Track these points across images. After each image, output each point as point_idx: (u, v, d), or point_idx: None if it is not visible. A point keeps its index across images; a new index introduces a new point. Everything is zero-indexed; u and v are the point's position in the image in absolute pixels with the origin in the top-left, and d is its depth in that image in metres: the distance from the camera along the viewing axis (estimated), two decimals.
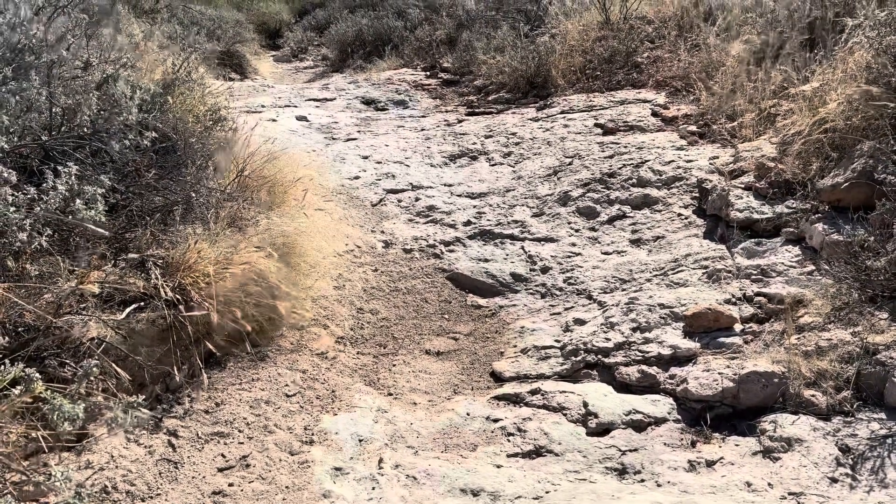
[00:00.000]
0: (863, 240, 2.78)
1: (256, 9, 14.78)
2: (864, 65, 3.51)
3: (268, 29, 14.44)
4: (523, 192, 4.70)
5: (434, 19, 10.95)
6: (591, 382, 2.92)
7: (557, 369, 3.07)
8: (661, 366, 2.87)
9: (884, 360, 2.46)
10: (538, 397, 2.84)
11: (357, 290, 3.77)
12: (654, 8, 7.66)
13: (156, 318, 2.54)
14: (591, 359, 3.03)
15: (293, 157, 4.81)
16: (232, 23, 12.36)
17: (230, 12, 13.57)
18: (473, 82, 8.43)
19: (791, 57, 4.68)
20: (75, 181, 2.32)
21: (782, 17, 5.31)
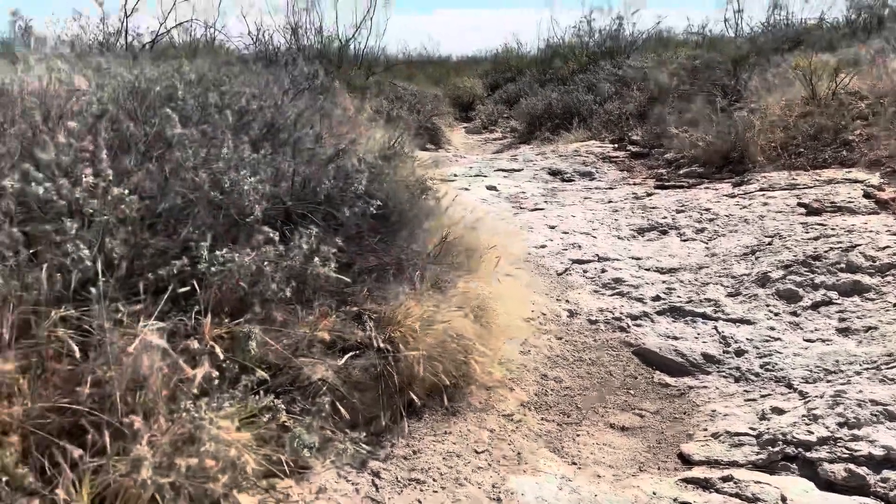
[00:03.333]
0: None
1: (452, 84, 15.81)
2: None
3: (461, 102, 15.37)
4: (717, 270, 4.59)
5: (624, 93, 11.08)
6: (789, 476, 2.77)
7: (752, 458, 2.94)
8: (871, 467, 2.66)
9: None
10: (730, 485, 2.74)
11: (541, 357, 3.88)
12: (867, 83, 7.24)
13: (368, 366, 2.82)
14: (791, 451, 2.87)
15: (485, 224, 5.10)
16: (430, 97, 13.32)
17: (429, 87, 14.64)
18: (664, 155, 8.39)
19: None
20: (315, 241, 2.69)
21: None
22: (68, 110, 2.98)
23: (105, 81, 3.54)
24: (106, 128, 2.84)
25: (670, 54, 11.76)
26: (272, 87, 3.97)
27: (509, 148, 11.18)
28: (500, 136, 12.65)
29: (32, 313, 1.96)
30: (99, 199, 2.17)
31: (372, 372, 2.83)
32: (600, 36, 13.42)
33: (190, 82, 3.26)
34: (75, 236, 2.07)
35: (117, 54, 6.40)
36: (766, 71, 8.70)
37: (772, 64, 9.02)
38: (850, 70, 7.47)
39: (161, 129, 2.66)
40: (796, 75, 7.65)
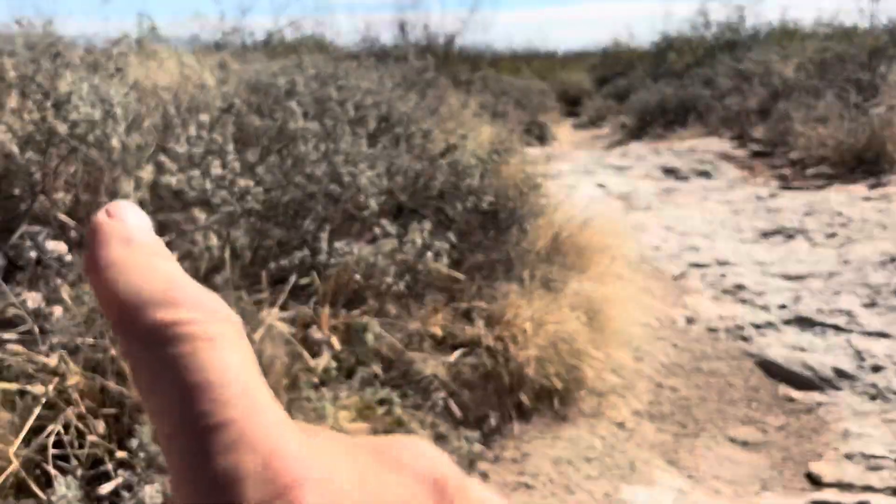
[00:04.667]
0: None
1: (559, 78, 15.57)
2: None
3: (568, 97, 15.11)
4: (851, 279, 4.25)
5: (744, 88, 10.51)
6: None
7: (890, 483, 2.69)
8: None
9: None
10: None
11: (656, 365, 3.71)
12: None
13: (478, 365, 2.78)
14: None
15: (595, 223, 4.95)
16: (537, 92, 13.17)
17: (535, 82, 14.48)
18: (788, 154, 7.91)
19: None
20: (428, 236, 2.67)
21: None
22: (197, 104, 3.11)
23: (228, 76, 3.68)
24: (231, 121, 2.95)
25: (797, 47, 11.06)
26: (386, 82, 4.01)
27: (619, 144, 10.87)
28: (610, 133, 12.33)
29: None
30: (226, 191, 2.24)
31: (481, 370, 2.79)
32: (718, 28, 12.79)
33: (310, 77, 3.33)
34: (205, 226, 2.14)
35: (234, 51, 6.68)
36: None
37: None
38: None
39: (283, 122, 2.72)
40: None
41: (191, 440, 0.19)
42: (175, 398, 0.20)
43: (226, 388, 0.20)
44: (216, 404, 0.19)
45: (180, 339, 0.20)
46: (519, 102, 11.82)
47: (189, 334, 0.20)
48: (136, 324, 0.21)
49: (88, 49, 3.14)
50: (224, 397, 0.19)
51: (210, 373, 0.20)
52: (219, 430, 0.19)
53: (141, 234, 0.23)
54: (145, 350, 0.20)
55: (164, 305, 0.21)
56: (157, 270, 0.22)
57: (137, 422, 1.81)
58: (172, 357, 0.20)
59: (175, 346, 0.20)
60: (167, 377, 0.20)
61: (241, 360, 0.21)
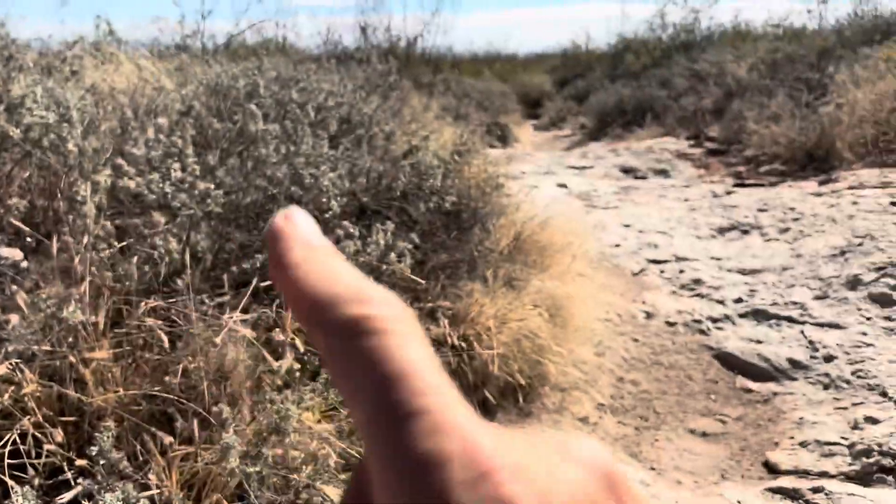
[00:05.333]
0: None
1: (520, 80, 15.70)
2: None
3: (529, 99, 15.25)
4: (803, 272, 4.38)
5: (700, 88, 10.75)
6: (885, 488, 2.61)
7: (844, 469, 2.78)
8: None
9: None
10: (821, 496, 2.60)
11: (617, 359, 3.78)
12: None
13: (442, 364, 2.80)
14: (887, 463, 2.70)
15: (556, 223, 5.02)
16: (498, 94, 13.26)
17: (496, 84, 14.58)
18: (742, 152, 8.11)
19: None
20: (391, 237, 2.69)
21: None
22: (155, 107, 3.08)
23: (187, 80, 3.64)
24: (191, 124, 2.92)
25: (749, 48, 11.34)
26: (347, 85, 4.01)
27: (579, 145, 11.02)
28: (570, 133, 12.48)
29: (124, 303, 2.02)
30: (186, 194, 2.23)
31: (446, 369, 2.80)
32: (674, 30, 13.06)
33: (270, 80, 3.31)
34: (164, 230, 2.13)
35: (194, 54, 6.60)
36: (854, 64, 8.27)
37: (860, 56, 8.57)
38: None
39: (244, 125, 2.71)
40: (888, 68, 7.25)
41: (391, 425, 0.20)
42: (372, 386, 0.21)
43: (418, 378, 0.21)
44: (412, 394, 0.21)
45: (374, 333, 0.22)
46: (481, 104, 11.89)
47: (381, 329, 0.22)
48: (329, 318, 0.22)
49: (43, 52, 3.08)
50: (419, 387, 0.21)
51: (403, 364, 0.21)
52: (417, 418, 0.20)
53: (318, 238, 0.25)
54: (340, 342, 0.22)
55: (355, 302, 0.22)
56: (341, 270, 0.24)
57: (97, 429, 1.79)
58: (367, 349, 0.22)
59: (369, 339, 0.22)
60: (363, 367, 0.21)
61: (426, 353, 0.23)
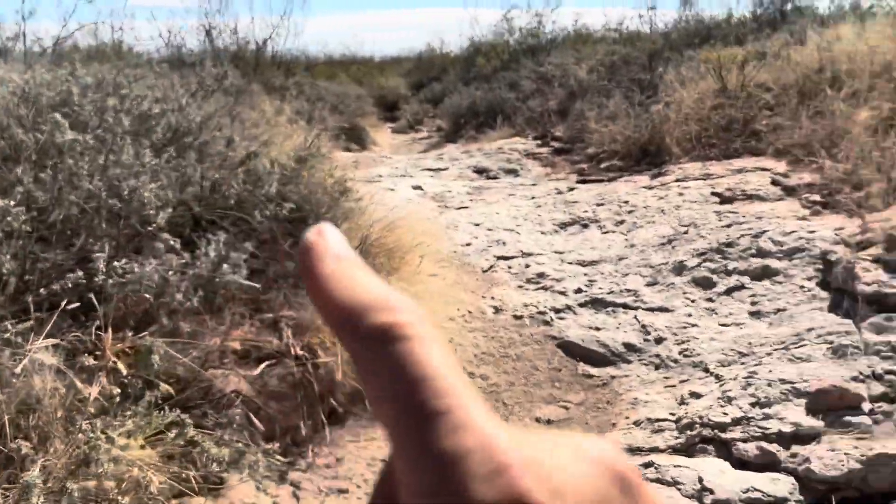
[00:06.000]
0: None
1: (376, 83, 15.71)
2: None
3: (386, 102, 15.29)
4: (636, 261, 4.69)
5: (546, 90, 11.24)
6: (706, 457, 2.84)
7: (672, 443, 3.00)
8: (781, 443, 2.75)
9: None
10: (651, 471, 2.79)
11: (468, 355, 3.87)
12: (773, 75, 7.55)
13: (285, 375, 2.74)
14: (707, 433, 2.95)
15: (410, 224, 5.07)
16: (354, 97, 13.19)
17: (352, 87, 14.50)
18: (585, 150, 8.54)
19: None
20: (223, 248, 2.59)
21: None
22: None
23: None
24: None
25: (589, 51, 12.00)
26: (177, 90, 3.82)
27: (435, 147, 11.18)
28: (427, 136, 12.65)
29: None
30: None
31: (290, 380, 2.75)
32: (521, 34, 13.57)
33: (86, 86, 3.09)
34: None
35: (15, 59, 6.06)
36: (680, 65, 8.97)
37: (685, 58, 9.31)
38: (756, 63, 7.78)
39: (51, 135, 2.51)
40: (707, 69, 7.93)
41: (416, 423, 0.22)
42: (398, 388, 0.23)
43: (441, 380, 0.23)
44: (435, 395, 0.22)
45: (399, 339, 0.23)
46: (336, 108, 11.77)
47: (406, 335, 0.23)
48: (358, 326, 0.24)
49: None
50: (441, 389, 0.22)
51: (426, 367, 0.23)
52: (441, 416, 0.22)
53: (346, 251, 0.27)
54: (369, 348, 0.24)
55: (381, 310, 0.24)
56: (367, 281, 0.25)
57: None
58: (393, 354, 0.23)
59: (395, 345, 0.23)
60: (389, 371, 0.23)
61: (446, 356, 0.24)
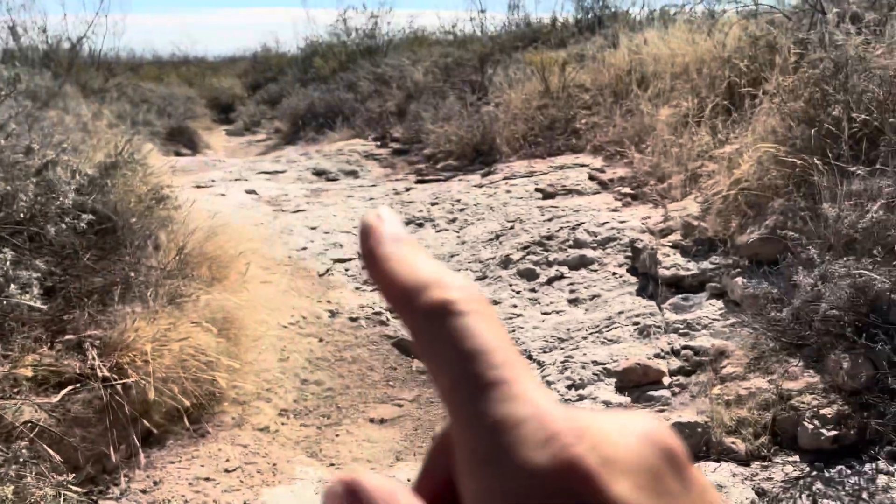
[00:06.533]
0: (767, 292, 2.96)
1: (208, 84, 15.05)
2: (771, 129, 3.78)
3: (220, 104, 14.68)
4: (467, 257, 4.84)
5: (384, 91, 11.30)
6: None
7: None
8: None
9: (796, 405, 2.59)
10: None
11: (301, 362, 3.81)
12: (591, 77, 8.07)
13: (92, 399, 2.55)
14: None
15: (239, 230, 4.90)
16: (183, 99, 12.56)
17: (181, 89, 13.79)
18: (423, 151, 8.69)
19: (711, 122, 4.99)
20: (10, 267, 2.37)
21: (704, 84, 5.67)
22: None
23: None
24: None
25: (425, 52, 12.21)
26: None
27: (274, 149, 10.90)
28: (265, 138, 12.29)
29: None
30: None
31: (97, 405, 2.56)
32: (357, 35, 13.55)
33: None
34: None
35: None
36: (508, 67, 9.36)
37: (512, 60, 9.73)
38: (576, 65, 8.28)
39: None
40: (532, 71, 8.33)
41: (472, 393, 0.23)
42: (455, 361, 0.24)
43: (496, 353, 0.24)
44: (490, 366, 0.23)
45: (456, 314, 0.24)
46: (163, 111, 11.14)
47: (462, 310, 0.25)
48: (416, 303, 0.25)
49: None
50: (496, 361, 0.24)
51: (482, 340, 0.24)
52: (496, 387, 0.23)
53: (404, 233, 0.28)
54: (427, 323, 0.25)
55: (438, 287, 0.25)
56: (424, 260, 0.27)
57: None
58: (451, 328, 0.24)
59: (452, 320, 0.24)
60: (447, 344, 0.24)
61: (500, 331, 0.25)
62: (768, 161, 3.63)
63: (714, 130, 4.78)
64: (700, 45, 6.48)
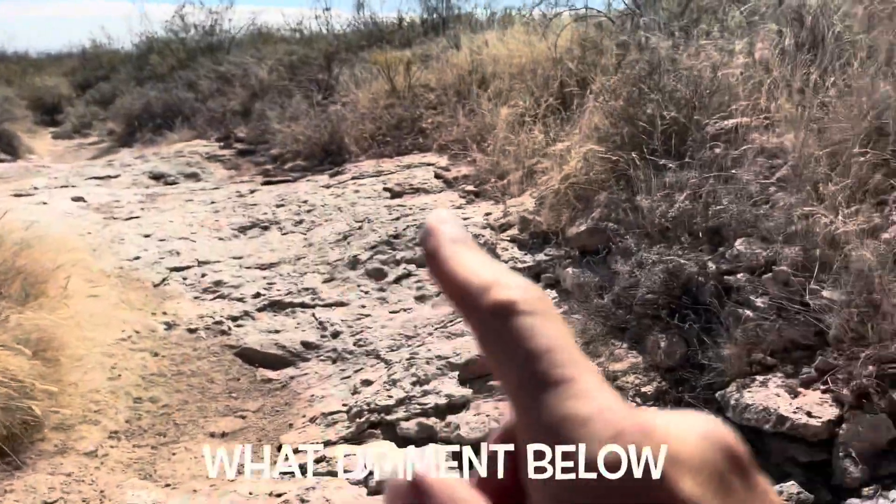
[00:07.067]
0: (591, 281, 3.15)
1: (30, 83, 13.78)
2: (595, 126, 4.02)
3: (44, 105, 13.49)
4: (314, 259, 4.76)
5: (227, 90, 10.86)
6: (374, 441, 2.99)
7: (343, 433, 3.10)
8: (438, 416, 3.00)
9: (621, 385, 2.77)
10: (322, 465, 2.84)
11: (134, 379, 3.57)
12: (435, 76, 8.20)
13: None
14: (375, 418, 3.10)
15: (61, 241, 4.52)
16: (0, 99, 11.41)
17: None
18: (269, 151, 8.44)
19: (544, 121, 5.23)
20: None
21: (538, 85, 5.93)
22: None
23: None
24: None
25: (270, 50, 11.87)
26: None
27: (107, 153, 10.16)
28: (97, 141, 11.43)
29: None
30: None
31: None
32: (196, 31, 12.92)
33: None
34: None
35: None
36: (355, 66, 9.31)
37: (359, 59, 9.68)
38: (421, 65, 8.38)
39: None
40: (378, 70, 8.33)
41: (539, 391, 0.24)
42: (521, 358, 0.24)
43: (561, 352, 0.24)
44: (556, 365, 0.24)
45: (522, 314, 0.25)
46: None
47: (528, 310, 0.25)
48: (480, 302, 0.26)
49: None
50: (562, 359, 0.24)
51: (547, 340, 0.24)
52: (562, 385, 0.23)
53: (465, 235, 0.29)
54: (493, 322, 0.25)
55: (503, 288, 0.26)
56: (485, 262, 0.27)
57: None
58: (516, 327, 0.25)
59: (518, 319, 0.25)
60: (513, 343, 0.25)
61: (564, 330, 0.26)
62: (593, 157, 3.86)
63: (547, 129, 5.01)
64: (535, 46, 6.78)
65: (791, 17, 4.21)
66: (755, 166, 3.11)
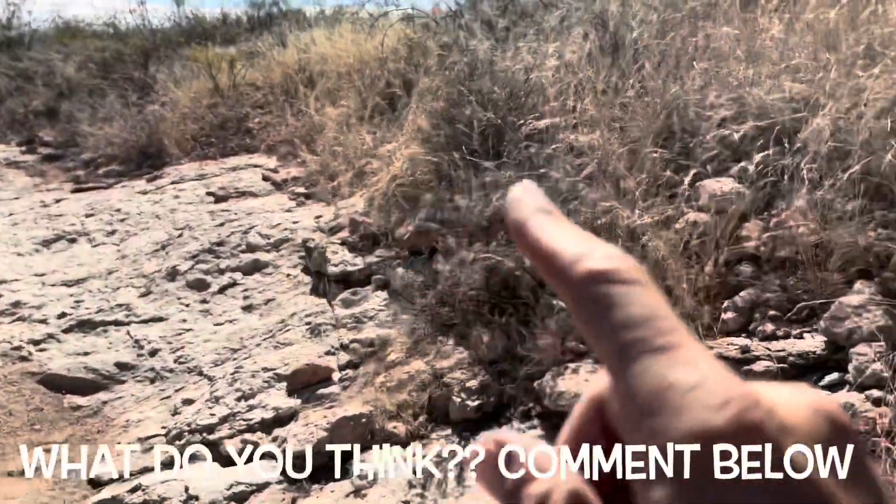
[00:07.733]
0: (414, 281, 3.19)
1: None
2: (418, 127, 4.07)
3: None
4: (129, 272, 4.42)
5: (28, 88, 9.84)
6: (196, 463, 2.82)
7: (162, 458, 2.90)
8: (264, 430, 2.90)
9: (448, 381, 2.82)
10: (139, 494, 2.64)
11: None
12: (262, 75, 7.92)
13: None
14: (197, 438, 2.93)
15: None
16: None
17: None
18: (81, 156, 7.76)
19: (371, 121, 5.22)
20: None
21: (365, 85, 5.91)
22: None
23: None
24: None
25: (78, 46, 10.90)
26: None
27: None
28: None
29: None
30: None
31: None
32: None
33: None
34: None
35: None
36: (174, 64, 8.78)
37: (179, 57, 9.15)
38: (246, 63, 8.07)
39: None
40: (199, 68, 7.91)
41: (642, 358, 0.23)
42: (623, 325, 0.24)
43: (663, 320, 0.24)
44: (660, 332, 0.24)
45: (620, 282, 0.25)
46: None
47: (626, 279, 0.25)
48: (575, 271, 0.25)
49: None
50: (664, 327, 0.24)
51: (649, 308, 0.24)
52: (667, 352, 0.23)
53: (551, 205, 0.28)
54: (587, 290, 0.25)
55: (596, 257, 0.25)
56: (575, 231, 0.27)
57: None
58: (614, 295, 0.24)
59: (616, 287, 0.25)
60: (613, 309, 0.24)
61: (661, 299, 0.25)
62: (418, 158, 3.90)
63: (375, 129, 5.00)
64: (362, 45, 6.74)
65: (596, 23, 4.50)
66: (565, 164, 3.28)
